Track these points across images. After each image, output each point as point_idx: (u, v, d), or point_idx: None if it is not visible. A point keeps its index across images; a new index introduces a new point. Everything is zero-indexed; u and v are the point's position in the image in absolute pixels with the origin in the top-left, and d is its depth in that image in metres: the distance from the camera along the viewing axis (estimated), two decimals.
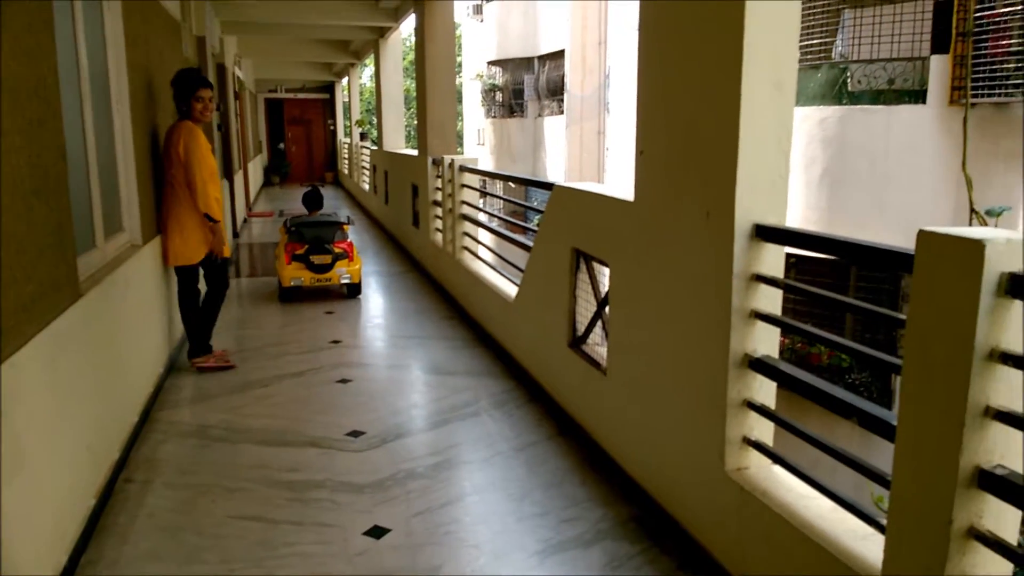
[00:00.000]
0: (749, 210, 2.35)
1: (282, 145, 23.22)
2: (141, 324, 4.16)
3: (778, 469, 2.45)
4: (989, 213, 7.11)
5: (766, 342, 2.42)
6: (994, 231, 1.55)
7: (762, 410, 2.42)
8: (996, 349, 1.55)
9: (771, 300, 2.40)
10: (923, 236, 1.66)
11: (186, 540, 2.91)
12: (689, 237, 2.64)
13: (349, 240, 7.34)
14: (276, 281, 7.34)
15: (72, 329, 2.84)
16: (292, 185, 21.46)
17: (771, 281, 2.36)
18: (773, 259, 2.38)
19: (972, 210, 7.06)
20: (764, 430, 2.49)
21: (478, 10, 22.43)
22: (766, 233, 2.34)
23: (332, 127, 23.59)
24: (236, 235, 9.87)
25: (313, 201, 7.64)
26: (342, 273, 6.99)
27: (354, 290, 7.25)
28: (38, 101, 2.51)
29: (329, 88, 23.20)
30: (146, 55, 4.71)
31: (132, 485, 3.36)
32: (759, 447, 2.44)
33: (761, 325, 2.40)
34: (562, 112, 18.43)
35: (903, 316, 1.73)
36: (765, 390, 2.45)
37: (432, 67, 7.96)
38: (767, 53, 2.30)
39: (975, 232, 1.56)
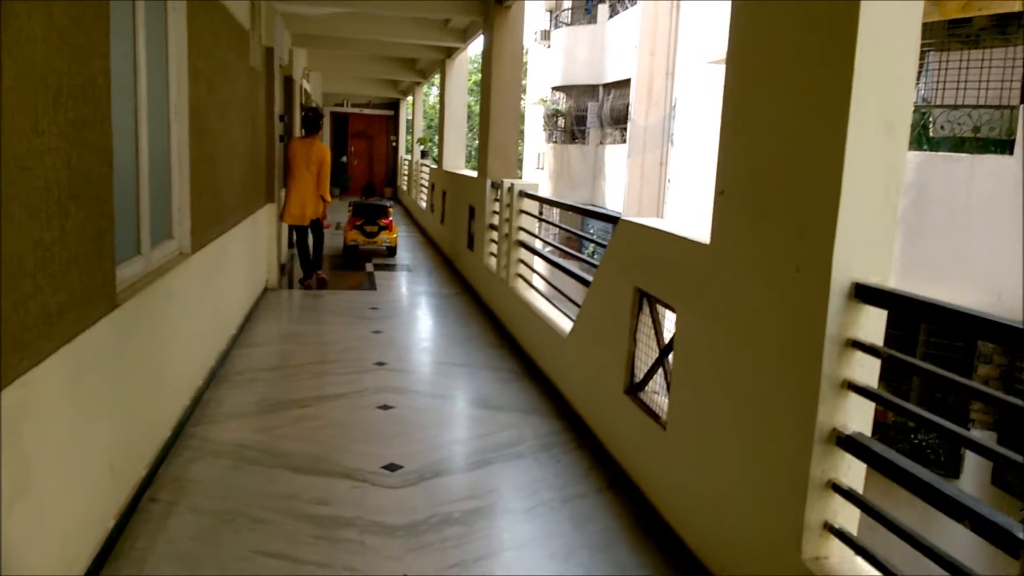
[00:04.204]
0: (848, 266, 2.07)
1: (344, 158, 23.44)
2: (183, 335, 4.03)
3: (862, 562, 2.14)
4: None
5: (859, 417, 2.12)
6: None
7: (849, 494, 2.12)
8: None
9: (868, 370, 2.10)
10: None
11: (205, 573, 2.72)
12: (773, 291, 2.36)
13: (391, 219, 10.59)
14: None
15: (104, 342, 2.69)
16: (351, 197, 21.65)
17: (870, 349, 2.07)
18: (873, 324, 2.09)
19: None
20: (849, 516, 2.18)
21: (545, 36, 22.41)
22: (868, 294, 2.05)
23: (394, 143, 23.75)
24: (291, 245, 9.79)
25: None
26: (384, 239, 10.44)
27: (391, 251, 10.73)
28: (84, 102, 2.37)
29: (394, 105, 23.37)
30: (211, 62, 4.63)
31: (156, 505, 3.20)
32: (842, 536, 2.14)
33: (854, 398, 2.11)
34: (624, 141, 18.17)
35: None
36: (854, 471, 2.16)
37: (497, 89, 7.82)
38: (880, 89, 2.02)
39: None
